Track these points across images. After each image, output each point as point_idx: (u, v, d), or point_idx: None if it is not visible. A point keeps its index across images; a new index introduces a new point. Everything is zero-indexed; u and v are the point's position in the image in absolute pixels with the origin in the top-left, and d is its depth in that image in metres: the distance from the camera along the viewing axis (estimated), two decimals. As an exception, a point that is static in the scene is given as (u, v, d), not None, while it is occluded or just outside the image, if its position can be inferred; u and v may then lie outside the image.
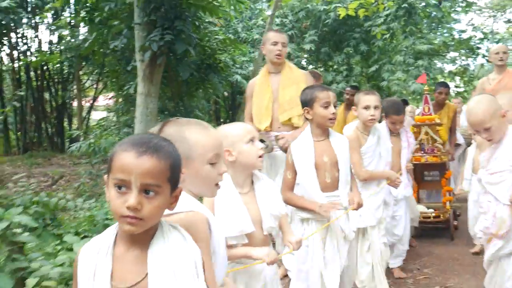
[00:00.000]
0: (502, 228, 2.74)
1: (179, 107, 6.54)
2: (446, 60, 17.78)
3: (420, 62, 11.82)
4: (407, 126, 4.75)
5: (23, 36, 15.23)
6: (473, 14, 22.07)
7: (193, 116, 6.90)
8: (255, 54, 11.36)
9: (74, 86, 16.05)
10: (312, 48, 11.93)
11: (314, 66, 13.01)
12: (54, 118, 16.54)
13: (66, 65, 14.77)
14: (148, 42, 5.11)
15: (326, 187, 2.86)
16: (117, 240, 1.30)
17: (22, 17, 13.15)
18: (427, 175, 5.78)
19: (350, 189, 3.00)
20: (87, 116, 17.14)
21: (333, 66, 13.02)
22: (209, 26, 6.64)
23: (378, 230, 3.48)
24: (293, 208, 3.06)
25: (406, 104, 7.09)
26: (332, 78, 11.99)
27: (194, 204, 1.57)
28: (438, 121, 5.56)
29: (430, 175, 5.78)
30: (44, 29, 15.69)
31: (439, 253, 4.92)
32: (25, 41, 15.39)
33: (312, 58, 13.20)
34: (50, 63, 14.97)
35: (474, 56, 21.89)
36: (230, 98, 14.50)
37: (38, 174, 11.48)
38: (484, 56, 22.03)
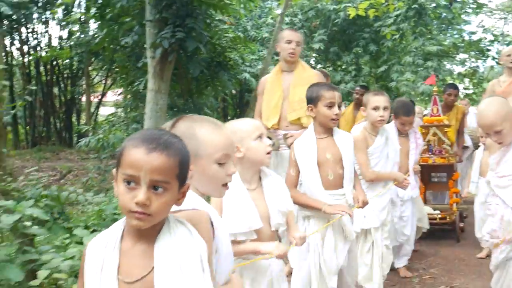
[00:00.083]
0: (510, 231, 2.70)
1: (189, 104, 6.57)
2: (455, 61, 17.68)
3: (429, 63, 11.78)
4: (416, 127, 4.74)
5: (34, 31, 15.33)
6: (483, 15, 21.93)
7: (202, 113, 6.92)
8: (264, 53, 11.38)
9: (83, 82, 16.14)
10: (321, 47, 11.91)
11: (323, 66, 12.99)
12: (62, 113, 16.64)
13: (75, 60, 14.85)
14: (159, 39, 5.15)
15: (329, 185, 2.83)
16: (124, 234, 1.31)
17: (33, 12, 13.23)
18: (435, 176, 5.76)
19: (353, 187, 2.98)
20: (96, 111, 17.24)
21: (341, 65, 12.99)
22: (219, 24, 6.66)
23: (381, 232, 3.46)
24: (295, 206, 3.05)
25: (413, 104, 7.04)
26: (340, 78, 11.98)
27: (198, 202, 1.56)
28: (446, 122, 5.53)
29: (438, 177, 5.76)
30: (54, 24, 15.75)
31: (445, 253, 4.92)
32: (35, 36, 15.50)
33: (321, 58, 13.19)
34: (60, 59, 15.05)
35: (484, 58, 21.79)
36: (238, 96, 14.52)
37: (47, 168, 11.57)
38: (494, 58, 21.90)
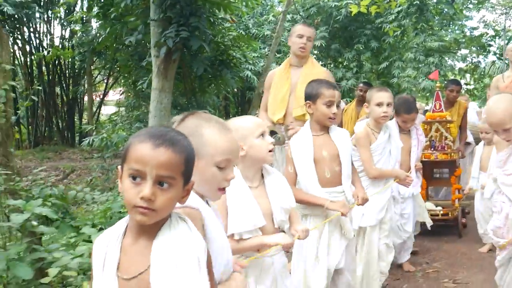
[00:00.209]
0: None
1: (192, 103, 6.59)
2: (457, 57, 17.67)
3: (430, 59, 11.80)
4: (418, 123, 4.73)
5: (36, 30, 15.35)
6: (485, 11, 21.92)
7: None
8: (266, 50, 11.41)
9: (85, 81, 16.17)
10: (322, 44, 11.94)
11: (324, 63, 13.02)
12: (65, 113, 16.67)
13: (77, 59, 14.87)
14: (163, 38, 5.17)
15: (327, 183, 2.81)
16: (127, 231, 1.31)
17: (35, 11, 13.26)
18: (437, 172, 5.74)
19: (353, 184, 2.95)
20: (97, 110, 17.27)
21: (343, 62, 13.01)
22: (222, 23, 6.67)
23: (378, 230, 3.42)
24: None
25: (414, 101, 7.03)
26: (342, 75, 12.00)
27: (193, 200, 1.53)
28: (449, 118, 5.49)
29: (440, 172, 5.75)
30: (56, 23, 15.77)
31: (448, 248, 4.96)
32: (37, 35, 15.51)
33: (322, 55, 13.21)
34: (64, 58, 15.05)
35: (485, 53, 21.77)
36: (240, 94, 14.54)
37: (49, 168, 11.61)
38: (495, 53, 21.90)
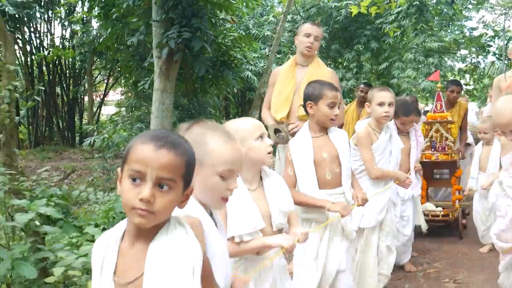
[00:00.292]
0: None
1: (193, 103, 6.62)
2: (456, 57, 17.72)
3: (430, 60, 11.85)
4: (418, 124, 4.74)
5: (36, 30, 15.36)
6: (484, 11, 21.96)
7: (206, 112, 6.97)
8: (266, 51, 11.44)
9: (85, 81, 16.17)
10: (322, 44, 11.96)
11: (324, 63, 13.02)
12: (65, 113, 16.69)
13: (78, 60, 14.89)
14: (165, 39, 5.19)
15: (327, 184, 2.81)
16: (125, 234, 1.30)
17: (36, 11, 13.27)
18: (437, 173, 5.73)
19: (351, 185, 2.94)
20: (98, 111, 17.28)
21: (343, 63, 13.06)
22: (224, 23, 6.70)
23: (378, 232, 3.39)
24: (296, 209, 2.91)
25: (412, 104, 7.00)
26: (342, 75, 12.03)
27: (193, 207, 1.53)
28: (450, 118, 5.48)
29: (440, 173, 5.74)
30: (57, 23, 15.77)
31: (449, 248, 4.97)
32: (37, 35, 15.52)
33: (322, 55, 13.23)
34: (65, 58, 15.05)
35: (485, 54, 21.83)
36: (240, 94, 14.56)
37: (50, 168, 11.60)
38: (494, 54, 21.95)
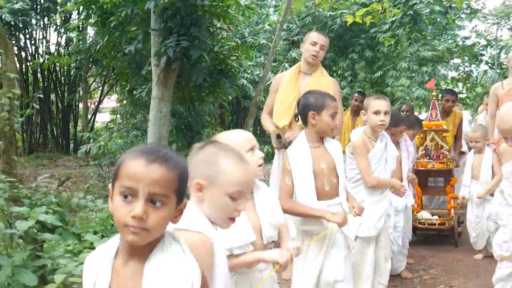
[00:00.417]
0: None
1: (190, 111, 6.65)
2: (449, 66, 17.89)
3: (424, 69, 11.96)
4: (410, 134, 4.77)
5: (32, 37, 15.34)
6: (477, 21, 22.23)
7: (203, 120, 6.99)
8: (261, 59, 11.50)
9: (80, 88, 16.15)
10: (317, 53, 12.00)
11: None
12: (59, 120, 16.64)
13: (73, 67, 14.88)
14: (164, 48, 5.22)
15: (325, 195, 2.79)
16: (118, 251, 1.28)
17: (32, 18, 13.27)
18: (431, 181, 5.77)
19: None
20: (92, 118, 17.26)
21: (337, 71, 13.13)
22: (221, 32, 6.75)
23: (375, 240, 3.38)
24: (293, 220, 2.91)
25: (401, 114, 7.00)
26: (336, 84, 12.06)
27: (204, 225, 1.55)
28: (445, 127, 5.52)
29: (434, 181, 5.76)
30: (52, 30, 15.76)
31: (444, 255, 5.02)
32: (33, 42, 15.50)
33: (317, 63, 13.30)
34: (61, 66, 15.02)
35: (478, 62, 22.05)
36: (235, 102, 14.58)
37: (44, 175, 11.53)
38: (487, 62, 22.18)
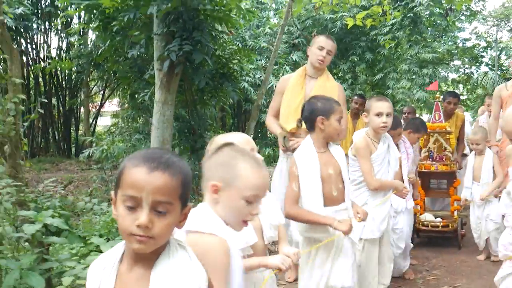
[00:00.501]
0: None
1: (193, 115, 6.67)
2: (450, 68, 17.92)
3: (424, 71, 11.97)
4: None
5: (33, 41, 15.38)
6: (477, 23, 22.29)
7: (205, 123, 7.02)
8: (262, 62, 11.52)
9: (81, 92, 16.18)
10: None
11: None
12: (61, 124, 16.66)
13: (74, 71, 14.90)
14: (167, 52, 5.25)
15: (333, 201, 2.77)
16: (123, 257, 1.27)
17: (33, 23, 13.31)
18: (434, 183, 5.78)
19: None
20: (94, 122, 17.28)
21: (338, 74, 13.13)
22: (223, 36, 6.78)
23: (379, 242, 3.39)
24: (298, 227, 2.89)
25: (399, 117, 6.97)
26: (337, 86, 12.07)
27: (220, 227, 1.56)
28: (448, 129, 5.52)
29: (437, 183, 5.78)
30: (53, 34, 15.79)
31: (447, 256, 5.06)
32: (34, 46, 15.53)
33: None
34: (63, 70, 15.03)
35: (478, 64, 22.10)
36: (236, 105, 14.58)
37: (47, 179, 11.54)
38: (487, 64, 22.22)
